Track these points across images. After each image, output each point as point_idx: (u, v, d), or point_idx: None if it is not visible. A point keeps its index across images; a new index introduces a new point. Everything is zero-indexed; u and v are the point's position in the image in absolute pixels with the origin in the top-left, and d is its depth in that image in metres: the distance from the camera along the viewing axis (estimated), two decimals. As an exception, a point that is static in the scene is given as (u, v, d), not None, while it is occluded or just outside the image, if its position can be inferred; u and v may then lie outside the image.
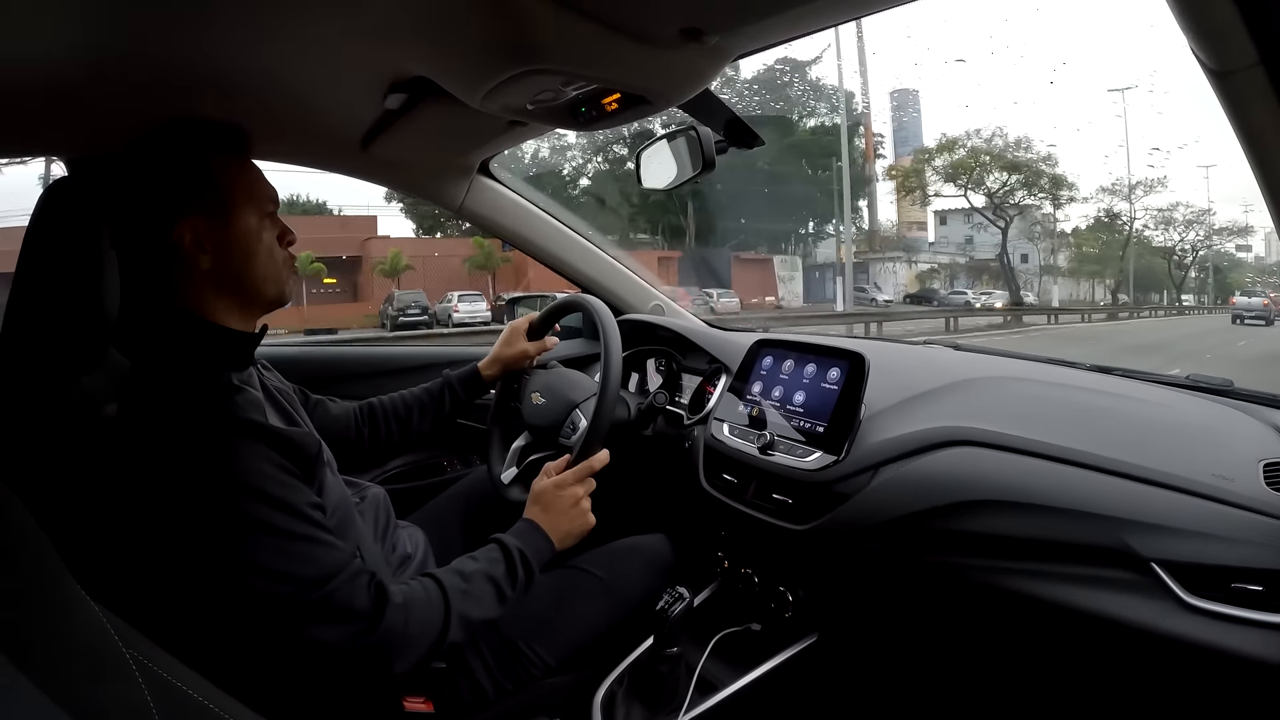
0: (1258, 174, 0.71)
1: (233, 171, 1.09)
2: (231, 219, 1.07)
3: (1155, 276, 45.14)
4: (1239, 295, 31.87)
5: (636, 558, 1.44)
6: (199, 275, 1.05)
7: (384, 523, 1.34)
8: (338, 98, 1.27)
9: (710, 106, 1.29)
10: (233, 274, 1.07)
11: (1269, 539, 0.94)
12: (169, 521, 0.94)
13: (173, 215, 1.03)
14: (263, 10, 0.93)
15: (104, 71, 1.05)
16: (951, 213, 48.33)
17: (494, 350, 1.64)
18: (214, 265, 1.05)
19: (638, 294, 2.09)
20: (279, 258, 1.13)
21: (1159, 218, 41.50)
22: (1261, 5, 0.57)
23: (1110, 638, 1.01)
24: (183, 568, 0.96)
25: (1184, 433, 1.20)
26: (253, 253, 1.08)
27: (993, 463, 1.14)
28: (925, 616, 1.24)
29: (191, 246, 1.03)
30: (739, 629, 1.41)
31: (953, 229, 48.17)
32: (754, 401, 1.45)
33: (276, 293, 1.12)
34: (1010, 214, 36.09)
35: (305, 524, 0.96)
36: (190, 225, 1.03)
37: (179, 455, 0.93)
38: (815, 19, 0.94)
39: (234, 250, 1.07)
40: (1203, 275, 49.21)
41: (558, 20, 0.88)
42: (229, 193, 1.07)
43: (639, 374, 1.88)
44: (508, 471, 1.57)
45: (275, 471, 0.95)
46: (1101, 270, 45.39)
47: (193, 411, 0.96)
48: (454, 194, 1.81)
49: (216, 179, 1.07)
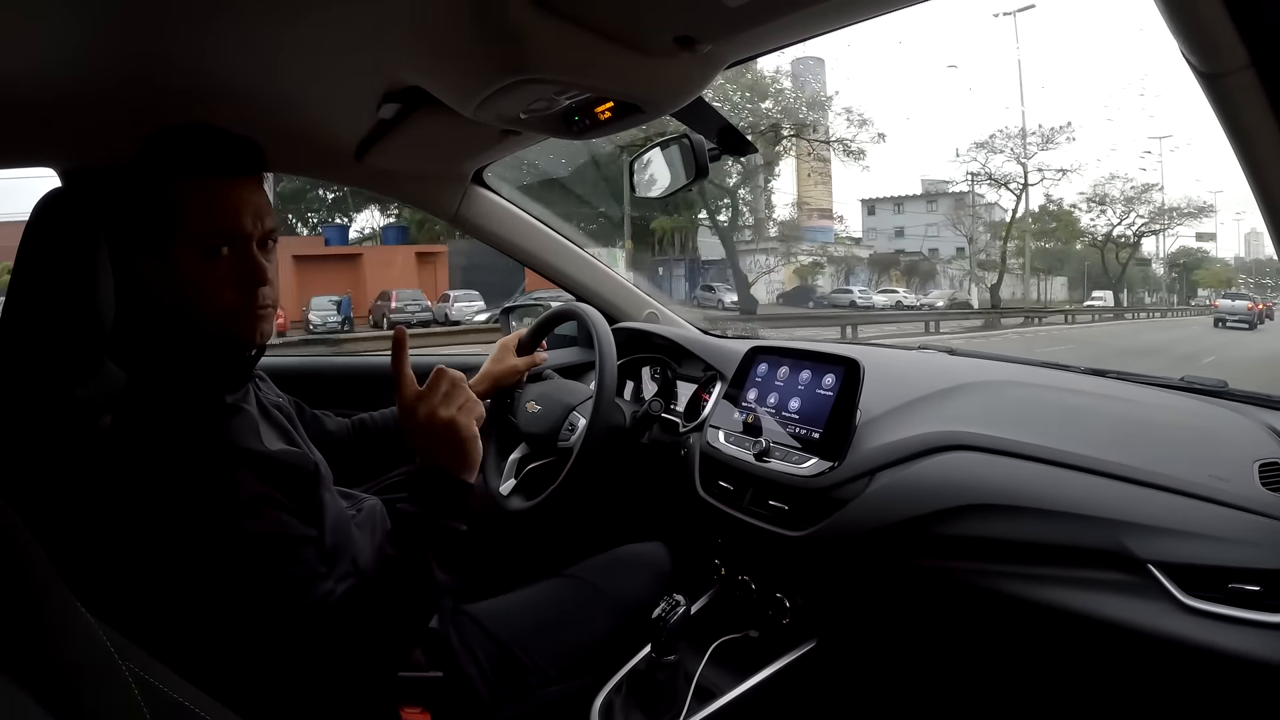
0: (1249, 177, 0.71)
1: (194, 199, 0.99)
2: (178, 258, 1.00)
3: (1112, 274, 40.42)
4: (1222, 298, 30.99)
5: (634, 566, 1.44)
6: (165, 306, 1.03)
7: (381, 534, 1.33)
8: (332, 108, 1.28)
9: (703, 114, 1.29)
10: (184, 312, 1.02)
11: (1265, 539, 0.94)
12: (160, 542, 0.95)
13: (133, 247, 1.02)
14: (256, 21, 0.93)
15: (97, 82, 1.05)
16: (880, 201, 45.52)
17: (484, 366, 1.65)
18: (170, 302, 1.02)
19: (632, 302, 2.09)
20: (231, 300, 1.02)
21: (1090, 195, 37.06)
22: (1252, 7, 0.57)
23: (1109, 640, 1.01)
24: (173, 587, 0.97)
25: (1179, 434, 1.20)
26: (198, 293, 1.01)
27: (989, 467, 1.14)
28: (923, 622, 1.24)
29: (149, 278, 1.02)
30: (737, 636, 1.41)
31: (881, 219, 45.43)
32: (749, 408, 1.45)
33: (229, 334, 1.04)
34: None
35: (290, 559, 0.96)
36: (145, 259, 1.01)
37: (172, 480, 0.93)
38: (806, 26, 0.95)
39: (180, 289, 1.01)
40: (1175, 274, 47.02)
41: (551, 30, 0.89)
42: (181, 228, 0.99)
43: (634, 382, 1.88)
44: (506, 484, 1.58)
45: (262, 503, 0.95)
46: (1049, 266, 41.96)
47: (187, 436, 0.95)
48: (449, 203, 1.82)
49: (174, 214, 0.99)
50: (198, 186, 0.99)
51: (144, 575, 0.97)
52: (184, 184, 0.99)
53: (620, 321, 2.03)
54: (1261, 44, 0.59)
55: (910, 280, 37.98)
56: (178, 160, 1.00)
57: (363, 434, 1.50)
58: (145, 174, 1.00)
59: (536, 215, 1.95)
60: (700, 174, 1.41)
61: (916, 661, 1.31)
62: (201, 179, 1.00)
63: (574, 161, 25.28)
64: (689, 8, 0.86)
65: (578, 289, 2.04)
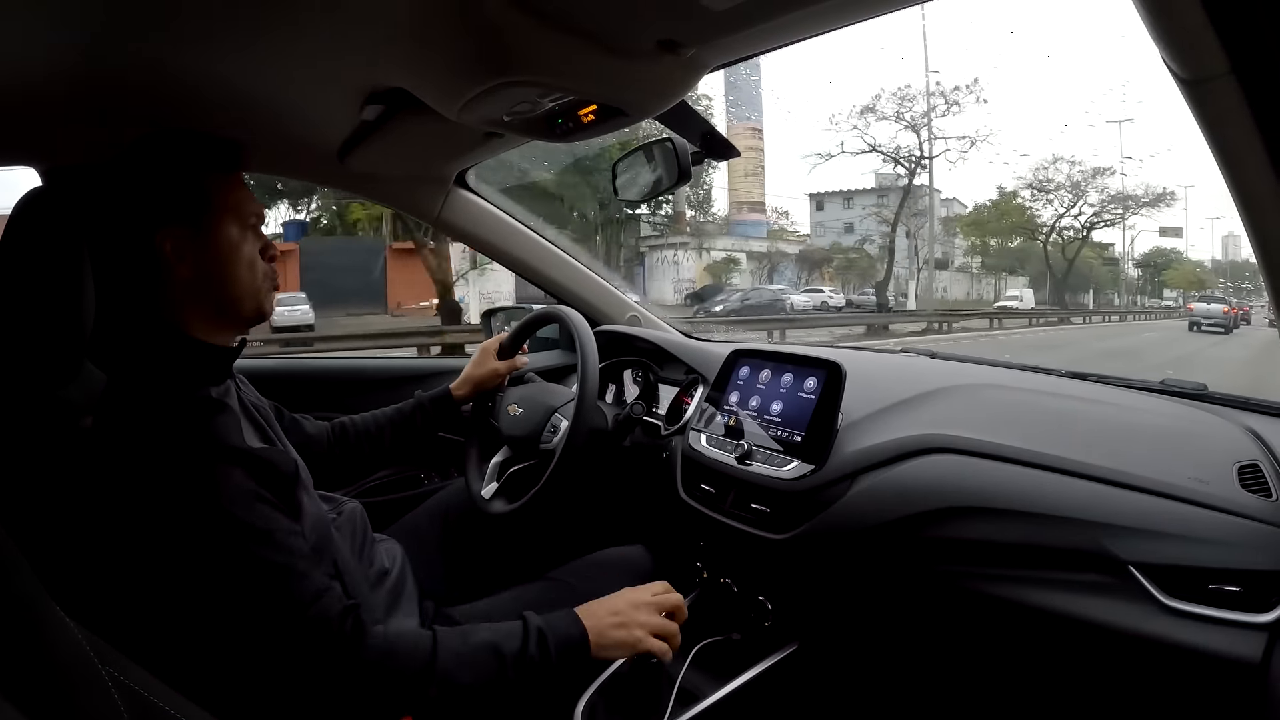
0: (1228, 181, 0.72)
1: (222, 185, 1.08)
2: (214, 230, 1.05)
3: (1080, 275, 38.09)
4: (1197, 300, 30.15)
5: (615, 569, 1.44)
6: (179, 287, 1.04)
7: (361, 538, 1.33)
8: (315, 109, 1.27)
9: (686, 117, 1.29)
10: (212, 285, 1.06)
11: (1244, 540, 0.95)
12: (144, 543, 0.93)
13: (155, 223, 1.02)
14: (239, 21, 0.92)
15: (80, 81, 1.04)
16: (829, 195, 43.27)
17: (465, 370, 1.65)
18: (194, 275, 1.04)
19: (614, 305, 2.10)
20: (259, 271, 1.11)
21: (1033, 180, 33.33)
22: (1233, 14, 0.58)
23: (1090, 641, 1.02)
24: (159, 589, 0.95)
25: (1159, 437, 1.21)
26: (233, 264, 1.07)
27: (970, 469, 1.15)
28: (905, 624, 1.25)
29: (172, 255, 1.02)
30: (719, 639, 1.41)
31: (831, 213, 43.14)
32: (731, 411, 1.45)
33: (255, 306, 1.10)
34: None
35: (282, 553, 0.94)
36: (171, 234, 1.02)
37: (156, 478, 0.92)
38: (790, 31, 0.95)
39: (214, 261, 1.05)
40: (1143, 275, 45.83)
41: (536, 33, 0.89)
42: (214, 204, 1.06)
43: (616, 385, 1.88)
44: (488, 487, 1.57)
45: (252, 499, 0.94)
46: (1009, 265, 39.42)
47: (171, 432, 0.94)
48: (431, 205, 1.81)
49: (205, 190, 1.05)
50: (222, 176, 1.08)
51: (130, 576, 0.95)
52: (213, 173, 1.07)
53: (602, 324, 2.03)
54: (1242, 51, 0.60)
55: (846, 278, 36.04)
56: (203, 152, 1.07)
57: (343, 438, 1.49)
58: (173, 160, 1.06)
59: (519, 217, 1.95)
60: (683, 177, 1.41)
61: (899, 664, 1.31)
62: (224, 171, 1.09)
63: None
64: (672, 12, 0.86)
65: (560, 291, 2.04)
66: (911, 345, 4.93)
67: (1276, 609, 0.92)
